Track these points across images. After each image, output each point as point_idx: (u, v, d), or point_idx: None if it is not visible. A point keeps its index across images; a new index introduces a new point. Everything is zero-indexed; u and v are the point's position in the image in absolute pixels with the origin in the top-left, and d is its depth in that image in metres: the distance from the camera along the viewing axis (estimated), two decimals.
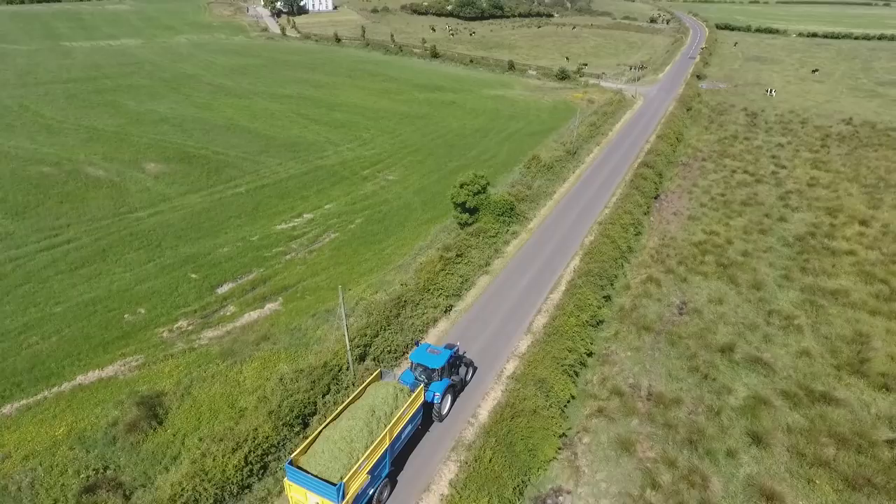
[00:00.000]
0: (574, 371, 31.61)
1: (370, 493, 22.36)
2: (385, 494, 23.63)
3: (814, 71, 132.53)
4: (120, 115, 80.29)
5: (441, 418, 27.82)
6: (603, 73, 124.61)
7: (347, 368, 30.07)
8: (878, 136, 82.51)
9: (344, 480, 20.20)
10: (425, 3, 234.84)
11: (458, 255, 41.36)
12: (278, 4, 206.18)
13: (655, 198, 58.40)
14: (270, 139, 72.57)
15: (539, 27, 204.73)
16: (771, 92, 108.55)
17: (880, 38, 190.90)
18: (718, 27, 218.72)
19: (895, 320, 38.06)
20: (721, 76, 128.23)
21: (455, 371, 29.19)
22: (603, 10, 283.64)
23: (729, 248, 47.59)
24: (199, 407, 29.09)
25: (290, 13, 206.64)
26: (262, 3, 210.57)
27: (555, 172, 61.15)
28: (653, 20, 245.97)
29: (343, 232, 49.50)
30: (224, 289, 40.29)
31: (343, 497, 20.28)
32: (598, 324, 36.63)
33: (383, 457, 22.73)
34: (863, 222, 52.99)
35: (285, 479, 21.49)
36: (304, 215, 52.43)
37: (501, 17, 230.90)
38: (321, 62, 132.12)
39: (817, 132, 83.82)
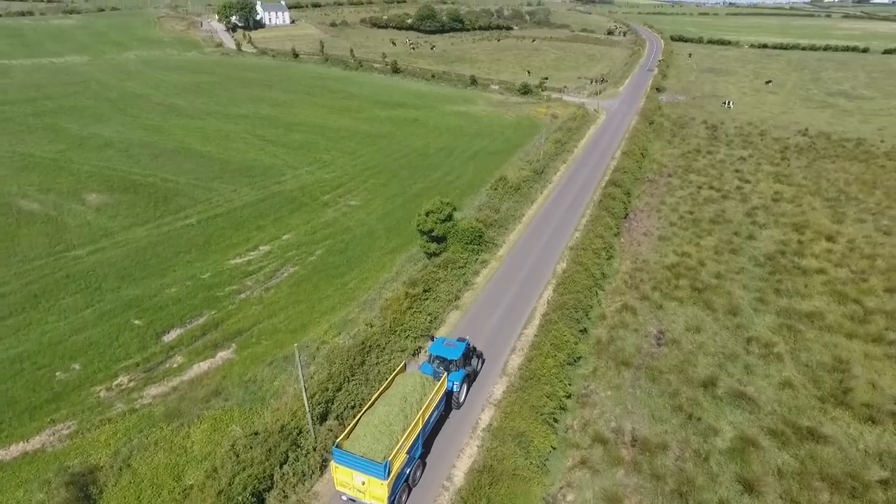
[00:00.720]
0: (553, 418, 29.55)
1: (407, 472, 24.67)
2: (418, 474, 26.04)
3: (767, 82, 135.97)
4: (60, 139, 75.24)
5: (459, 406, 30.43)
6: (565, 86, 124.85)
7: (308, 432, 27.20)
8: (833, 147, 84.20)
9: (389, 459, 22.50)
10: (385, 17, 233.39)
11: (425, 291, 38.97)
12: (233, 19, 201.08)
13: (625, 217, 57.43)
14: (224, 163, 68.94)
15: (499, 40, 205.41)
16: (728, 104, 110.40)
17: (825, 48, 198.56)
18: (673, 39, 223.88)
19: (871, 343, 37.52)
20: (679, 88, 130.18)
21: (468, 362, 31.42)
22: (561, 22, 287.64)
23: (702, 271, 46.67)
24: (139, 483, 25.83)
25: (246, 28, 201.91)
26: (217, 17, 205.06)
27: (522, 194, 59.56)
28: (610, 32, 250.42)
29: (303, 265, 46.57)
30: (171, 336, 36.89)
31: (389, 474, 22.46)
32: (575, 360, 34.78)
33: (417, 439, 25.28)
34: (829, 238, 53.03)
35: (332, 462, 23.71)
36: (261, 247, 49.26)
37: (462, 30, 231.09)
38: (279, 79, 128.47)
39: (776, 144, 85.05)
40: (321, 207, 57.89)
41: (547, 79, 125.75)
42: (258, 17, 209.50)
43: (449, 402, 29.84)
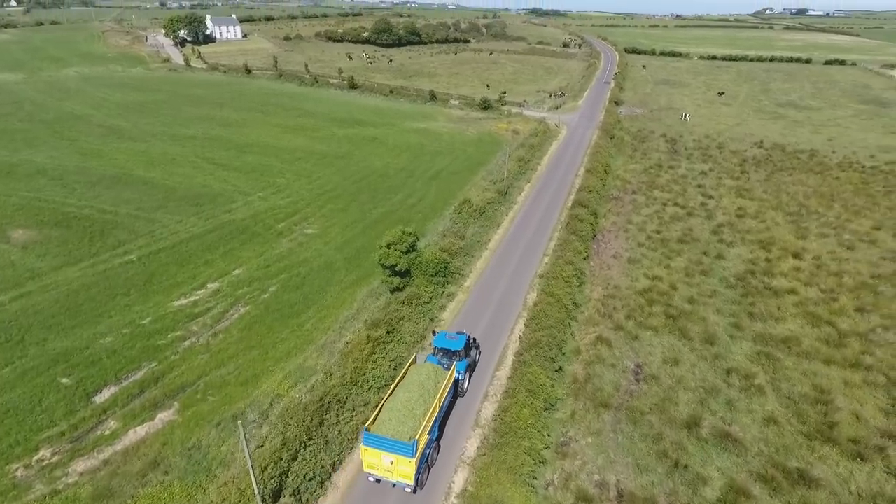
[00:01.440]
0: (533, 476, 27.08)
1: (427, 452, 26.72)
2: (435, 455, 28.31)
3: (720, 94, 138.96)
4: None
5: (463, 393, 32.95)
6: (524, 100, 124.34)
7: None
8: (789, 158, 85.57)
9: (416, 438, 24.76)
10: (340, 31, 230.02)
11: (388, 332, 36.09)
12: (182, 33, 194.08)
13: (593, 237, 55.98)
14: (170, 190, 64.47)
15: (456, 53, 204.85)
16: (685, 116, 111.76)
17: (771, 59, 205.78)
18: (627, 51, 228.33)
19: (849, 369, 36.64)
20: (636, 101, 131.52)
21: (469, 353, 33.82)
22: (517, 35, 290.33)
23: (674, 295, 45.34)
24: None
25: (196, 42, 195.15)
26: (164, 31, 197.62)
27: (488, 217, 57.43)
28: (566, 45, 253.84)
29: (255, 304, 42.99)
30: (103, 396, 32.87)
31: (416, 452, 24.56)
32: (552, 404, 32.48)
33: (435, 422, 27.77)
34: (796, 255, 52.74)
35: (361, 445, 25.56)
36: (209, 285, 45.41)
37: (419, 43, 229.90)
38: (230, 96, 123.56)
39: (735, 157, 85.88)
40: (275, 237, 54.30)
41: (505, 93, 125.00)
42: (208, 32, 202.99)
43: (456, 390, 32.38)
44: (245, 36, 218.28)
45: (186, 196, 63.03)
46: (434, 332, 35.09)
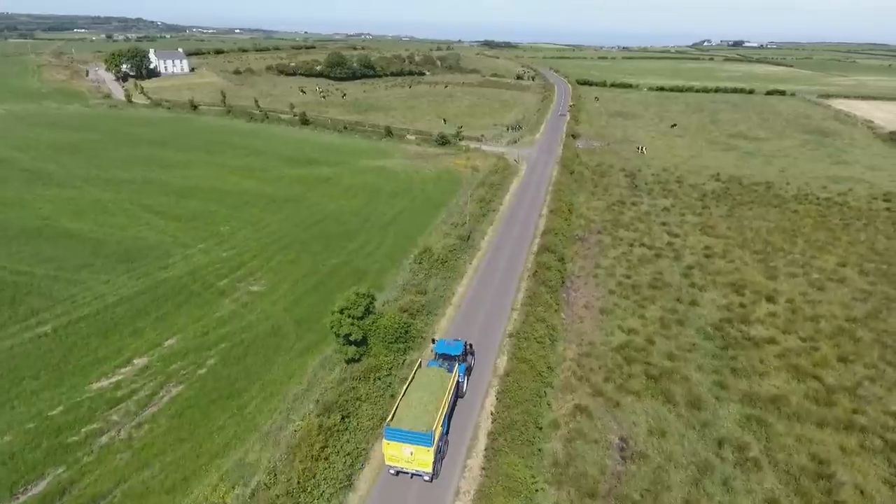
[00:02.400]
0: None
1: (440, 444, 29.24)
2: (446, 448, 30.93)
3: (672, 125, 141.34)
4: None
5: (463, 394, 35.85)
6: (482, 135, 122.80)
7: None
8: (747, 192, 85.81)
9: (432, 430, 27.62)
10: (292, 64, 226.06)
11: (343, 418, 31.44)
12: (124, 67, 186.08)
13: (561, 284, 52.95)
14: (99, 245, 58.32)
15: (411, 87, 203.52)
16: (642, 150, 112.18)
17: (716, 90, 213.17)
18: (579, 83, 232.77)
19: (844, 433, 34.16)
20: (593, 133, 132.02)
21: (466, 358, 36.83)
22: (471, 67, 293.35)
23: (653, 351, 42.43)
24: None
25: (139, 77, 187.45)
26: (105, 65, 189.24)
27: (450, 267, 53.71)
28: (519, 77, 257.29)
29: (189, 383, 37.64)
30: None
31: (433, 442, 27.25)
32: (532, 500, 28.40)
33: (445, 417, 30.55)
34: (769, 298, 51.06)
35: (383, 440, 28.08)
36: (136, 361, 39.80)
37: (374, 76, 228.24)
38: (173, 135, 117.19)
39: (694, 191, 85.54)
40: (216, 298, 48.95)
41: (462, 127, 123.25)
42: (152, 66, 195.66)
43: (457, 391, 34.75)
44: (192, 70, 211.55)
45: (117, 251, 56.98)
46: (433, 340, 38.27)
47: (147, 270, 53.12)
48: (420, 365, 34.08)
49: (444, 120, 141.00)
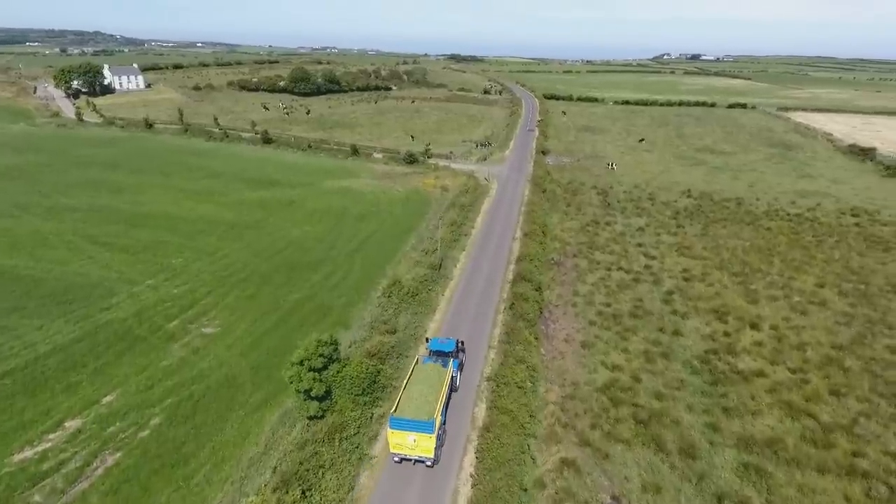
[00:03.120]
0: None
1: (440, 433, 31.80)
2: (444, 437, 33.49)
3: (640, 140, 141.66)
4: None
5: (456, 388, 37.96)
6: (451, 152, 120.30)
7: None
8: (719, 208, 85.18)
9: (434, 417, 30.24)
10: (255, 79, 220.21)
11: (304, 492, 27.62)
12: (75, 83, 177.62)
13: (539, 314, 50.16)
14: (34, 283, 53.02)
15: (377, 102, 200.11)
16: (612, 165, 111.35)
17: (680, 104, 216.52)
18: (546, 97, 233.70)
19: (846, 479, 31.97)
20: (562, 149, 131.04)
21: (458, 354, 39.03)
22: (438, 82, 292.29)
23: (639, 390, 39.83)
24: None
25: (91, 93, 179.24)
26: (54, 81, 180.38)
27: (421, 301, 50.34)
28: (487, 91, 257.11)
29: (129, 449, 33.20)
30: None
31: (434, 429, 29.77)
32: None
33: (443, 407, 33.48)
34: (753, 325, 49.29)
35: (388, 429, 30.52)
36: (67, 423, 35.13)
37: (339, 91, 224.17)
38: (126, 155, 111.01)
39: (667, 209, 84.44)
40: (164, 343, 44.42)
41: (430, 145, 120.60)
42: (106, 82, 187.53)
43: (451, 384, 36.90)
44: (149, 86, 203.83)
45: (55, 290, 51.78)
46: (427, 339, 41.77)
47: (87, 313, 48.17)
48: (417, 361, 37.04)
49: (412, 136, 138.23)
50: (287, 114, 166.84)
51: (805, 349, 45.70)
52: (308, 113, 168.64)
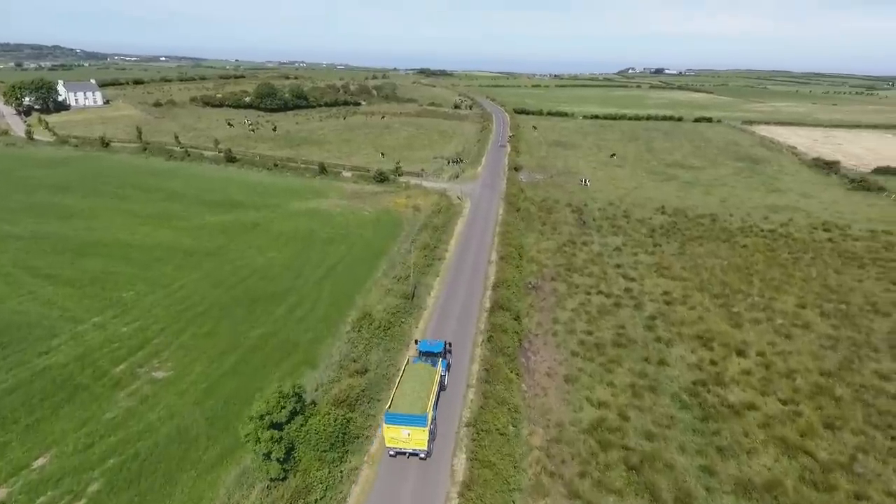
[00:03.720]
0: None
1: (432, 427, 33.56)
2: (436, 431, 35.25)
3: (612, 155, 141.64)
4: None
5: (445, 388, 40.34)
6: (422, 169, 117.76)
7: None
8: (694, 225, 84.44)
9: (427, 412, 32.61)
10: (219, 95, 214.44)
11: None
12: (27, 100, 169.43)
13: (518, 345, 47.49)
14: None
15: (346, 118, 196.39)
16: (585, 182, 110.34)
17: (648, 118, 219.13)
18: (517, 111, 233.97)
19: None
20: (535, 165, 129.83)
21: (446, 355, 41.51)
22: (408, 97, 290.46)
23: (628, 429, 37.39)
24: None
25: (45, 110, 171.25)
26: (3, 98, 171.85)
27: (394, 335, 47.15)
28: (457, 106, 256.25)
29: None
30: None
31: (427, 422, 31.99)
32: None
33: (434, 403, 35.29)
34: (739, 352, 47.62)
35: (384, 424, 32.59)
36: None
37: (307, 107, 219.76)
38: (79, 177, 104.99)
39: (643, 227, 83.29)
40: (109, 391, 40.15)
41: (400, 162, 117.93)
42: (60, 98, 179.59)
43: (441, 383, 38.86)
44: (107, 102, 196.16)
45: None
46: (416, 342, 43.47)
47: (23, 358, 43.50)
48: (408, 362, 39.07)
49: (382, 153, 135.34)
50: (252, 130, 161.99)
51: (794, 377, 44.09)
52: (274, 129, 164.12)
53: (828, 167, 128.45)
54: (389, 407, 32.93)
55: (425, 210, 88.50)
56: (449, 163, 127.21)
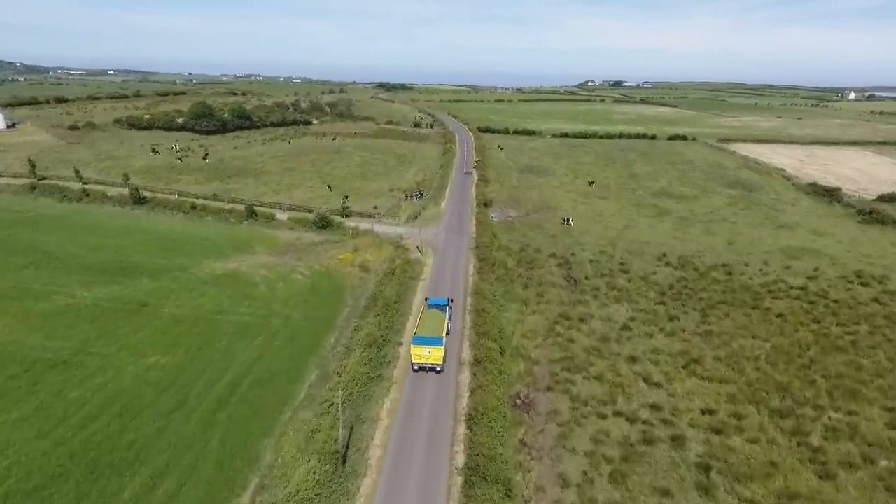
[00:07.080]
0: None
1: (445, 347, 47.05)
2: (447, 356, 47.75)
3: (590, 183, 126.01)
4: None
5: (449, 332, 50.42)
6: (375, 208, 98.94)
7: None
8: (709, 283, 68.25)
9: (442, 336, 46.76)
10: (147, 116, 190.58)
11: None
12: None
13: None
14: None
15: (290, 142, 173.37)
16: (568, 221, 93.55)
17: (620, 136, 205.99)
18: (481, 130, 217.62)
19: None
20: (506, 196, 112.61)
21: (449, 308, 53.55)
22: (365, 114, 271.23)
23: None
24: None
25: None
26: None
27: None
28: (417, 124, 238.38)
29: None
30: None
31: (443, 343, 46.17)
32: None
33: (445, 333, 48.25)
34: None
35: (412, 345, 45.84)
36: None
37: (249, 127, 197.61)
38: None
39: (648, 287, 66.65)
40: None
41: (348, 199, 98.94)
42: None
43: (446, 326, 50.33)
44: (13, 125, 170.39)
45: None
46: (426, 300, 55.91)
47: None
48: (424, 307, 53.37)
49: (329, 186, 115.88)
50: (179, 159, 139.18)
51: None
52: (206, 157, 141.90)
53: (828, 194, 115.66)
54: (416, 332, 47.07)
55: (375, 270, 69.66)
56: (407, 197, 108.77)
